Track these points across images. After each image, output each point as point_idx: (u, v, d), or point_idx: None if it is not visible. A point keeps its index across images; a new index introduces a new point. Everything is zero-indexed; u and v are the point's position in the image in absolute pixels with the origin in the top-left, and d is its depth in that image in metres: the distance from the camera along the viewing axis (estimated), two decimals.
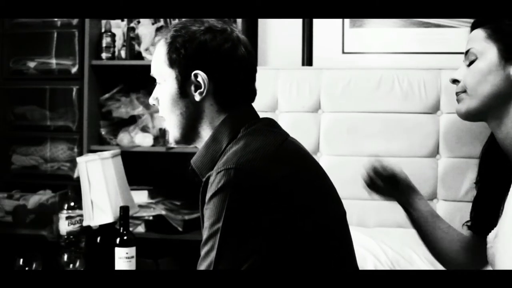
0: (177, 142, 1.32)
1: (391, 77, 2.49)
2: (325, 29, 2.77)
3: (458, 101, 1.28)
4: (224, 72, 1.25)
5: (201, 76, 1.23)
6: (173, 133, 1.31)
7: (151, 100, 1.34)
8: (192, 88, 1.25)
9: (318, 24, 2.78)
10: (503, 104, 1.20)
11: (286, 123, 2.35)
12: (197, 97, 1.25)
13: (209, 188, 1.12)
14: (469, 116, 1.26)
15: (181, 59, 1.24)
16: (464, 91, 1.25)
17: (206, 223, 1.11)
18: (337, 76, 2.55)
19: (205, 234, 1.11)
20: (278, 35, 2.83)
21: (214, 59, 1.24)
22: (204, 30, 1.25)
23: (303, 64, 2.78)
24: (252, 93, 1.32)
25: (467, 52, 1.26)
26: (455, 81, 1.28)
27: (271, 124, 1.30)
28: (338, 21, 2.76)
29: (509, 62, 1.20)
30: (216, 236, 1.09)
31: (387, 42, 2.72)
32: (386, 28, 2.73)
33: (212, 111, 1.26)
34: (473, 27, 1.29)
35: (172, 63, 1.26)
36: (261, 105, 1.38)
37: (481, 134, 1.52)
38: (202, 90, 1.24)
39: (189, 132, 1.29)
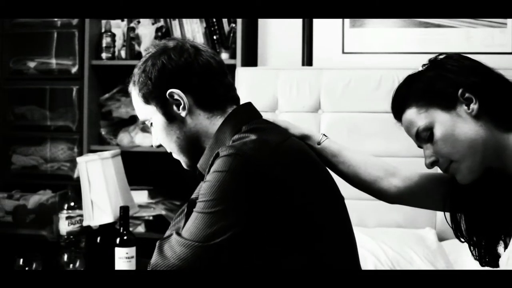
0: (190, 167, 1.35)
1: (391, 77, 2.49)
2: (325, 29, 2.77)
3: (454, 174, 1.21)
4: (193, 81, 1.27)
5: (175, 93, 1.27)
6: (183, 160, 1.34)
7: (155, 143, 1.37)
8: (175, 108, 1.28)
9: (318, 24, 2.78)
10: (486, 141, 1.17)
11: None
12: (183, 113, 1.28)
13: (213, 165, 1.16)
14: (476, 175, 1.20)
15: (152, 90, 1.28)
16: (451, 162, 1.20)
17: (200, 193, 1.15)
18: (337, 76, 2.55)
19: (197, 202, 1.16)
20: (278, 35, 2.83)
21: (178, 73, 1.27)
22: (158, 54, 1.29)
23: (303, 64, 2.78)
24: (231, 87, 1.34)
25: (417, 135, 1.22)
26: (433, 164, 1.22)
27: (274, 125, 1.33)
28: (338, 21, 2.76)
29: (457, 106, 1.18)
30: (200, 205, 1.13)
31: (387, 42, 2.72)
32: (386, 28, 2.73)
33: (203, 119, 1.29)
34: (398, 114, 1.26)
35: (147, 98, 1.30)
36: (261, 105, 1.38)
37: None
38: (183, 104, 1.27)
39: (194, 152, 1.31)
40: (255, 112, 1.33)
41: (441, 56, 1.24)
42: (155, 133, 1.34)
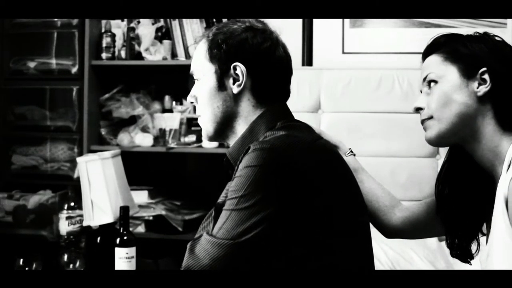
0: (210, 138, 1.35)
1: (391, 77, 2.49)
2: (325, 29, 2.77)
3: (426, 128, 1.25)
4: (262, 69, 1.29)
5: (240, 68, 1.27)
6: (207, 128, 1.34)
7: (189, 98, 1.37)
8: (231, 81, 1.28)
9: (318, 24, 2.78)
10: (473, 121, 1.19)
11: None
12: (235, 90, 1.28)
13: (243, 160, 1.16)
14: (442, 140, 1.23)
15: (222, 53, 1.28)
16: (431, 117, 1.23)
17: (230, 190, 1.15)
18: (337, 76, 2.55)
19: (227, 200, 1.15)
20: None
21: (253, 55, 1.28)
22: (245, 28, 1.30)
23: (303, 64, 2.78)
24: (287, 93, 1.36)
25: (425, 78, 1.25)
26: (418, 110, 1.26)
27: (308, 125, 1.35)
28: (338, 21, 2.76)
29: (471, 79, 1.20)
30: (233, 202, 1.12)
31: (387, 42, 2.73)
32: (386, 28, 2.73)
33: (248, 106, 1.29)
34: (425, 55, 1.29)
35: (213, 57, 1.30)
36: None
37: None
38: (240, 82, 1.27)
39: (224, 127, 1.32)
40: (289, 111, 1.34)
41: (497, 37, 1.28)
42: (197, 90, 1.33)
